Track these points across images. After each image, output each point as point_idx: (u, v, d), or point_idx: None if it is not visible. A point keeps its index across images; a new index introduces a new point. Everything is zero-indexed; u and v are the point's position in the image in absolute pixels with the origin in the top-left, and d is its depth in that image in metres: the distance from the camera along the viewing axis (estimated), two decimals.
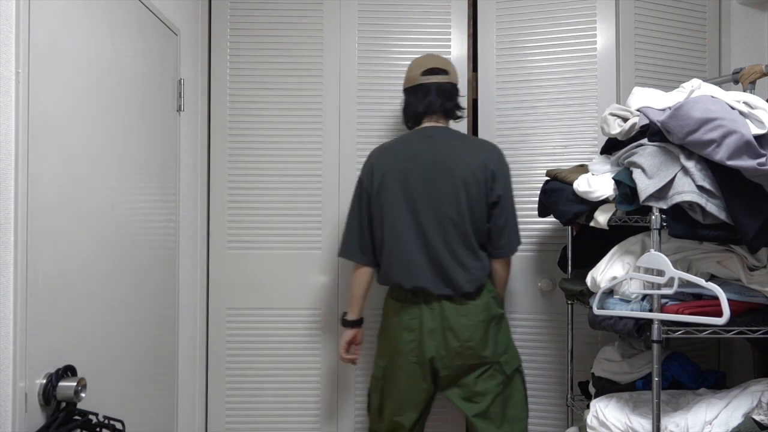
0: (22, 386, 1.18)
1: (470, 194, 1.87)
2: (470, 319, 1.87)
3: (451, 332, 1.85)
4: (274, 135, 2.31)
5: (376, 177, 1.92)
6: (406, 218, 1.87)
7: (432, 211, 1.87)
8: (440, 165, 1.88)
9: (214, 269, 2.31)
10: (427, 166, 1.88)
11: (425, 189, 1.87)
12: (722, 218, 1.44)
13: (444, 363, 1.87)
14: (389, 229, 1.89)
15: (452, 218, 1.86)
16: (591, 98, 2.23)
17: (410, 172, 1.89)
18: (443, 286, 1.86)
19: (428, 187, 1.87)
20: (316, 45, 2.31)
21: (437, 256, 1.86)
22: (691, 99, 1.50)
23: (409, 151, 1.92)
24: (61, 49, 1.33)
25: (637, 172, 1.54)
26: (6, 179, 1.17)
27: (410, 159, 1.90)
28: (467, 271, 1.87)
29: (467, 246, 1.88)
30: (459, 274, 1.86)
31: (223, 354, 2.30)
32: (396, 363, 1.91)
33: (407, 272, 1.87)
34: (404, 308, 1.90)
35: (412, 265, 1.86)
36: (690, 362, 1.86)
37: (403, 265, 1.87)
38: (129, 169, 1.67)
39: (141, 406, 1.75)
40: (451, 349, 1.85)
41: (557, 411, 2.25)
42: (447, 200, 1.86)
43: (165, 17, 1.92)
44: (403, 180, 1.89)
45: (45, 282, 1.26)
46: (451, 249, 1.87)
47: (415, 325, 1.88)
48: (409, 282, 1.87)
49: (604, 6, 2.24)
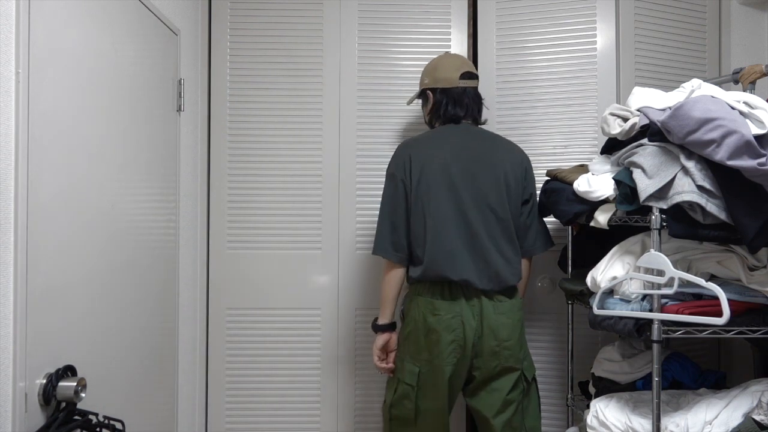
0: (22, 386, 1.18)
1: (509, 189, 1.86)
2: (508, 317, 1.81)
3: (490, 330, 1.78)
4: (274, 135, 2.31)
5: (415, 168, 1.83)
6: (451, 209, 1.80)
7: (476, 203, 1.81)
8: (482, 158, 1.85)
9: (214, 269, 2.31)
10: (469, 159, 1.84)
11: (469, 180, 1.82)
12: (722, 218, 1.45)
13: (480, 363, 1.79)
14: (433, 220, 1.80)
15: (496, 211, 1.82)
16: (591, 98, 2.23)
17: (453, 164, 1.82)
18: (487, 280, 1.79)
19: (472, 179, 1.82)
20: (316, 45, 2.31)
21: (482, 248, 1.79)
22: (691, 99, 1.50)
23: (449, 143, 1.86)
24: (61, 49, 1.33)
25: (637, 172, 1.54)
26: (6, 179, 1.17)
27: (452, 151, 1.84)
28: (511, 265, 1.83)
29: (509, 240, 1.84)
30: (504, 267, 1.81)
31: (223, 354, 2.30)
32: (436, 366, 1.78)
33: (453, 264, 1.78)
34: (443, 306, 1.79)
35: (458, 257, 1.78)
36: (690, 362, 1.86)
37: (449, 257, 1.78)
38: (129, 169, 1.67)
39: (141, 406, 1.75)
40: (488, 348, 1.78)
41: (557, 411, 2.25)
42: (491, 193, 1.83)
43: (165, 17, 1.92)
44: (447, 170, 1.82)
45: (45, 282, 1.26)
46: (495, 242, 1.81)
47: (457, 323, 1.78)
48: (457, 274, 1.77)
49: (604, 6, 2.24)
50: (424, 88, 1.99)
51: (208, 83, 2.31)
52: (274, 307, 2.31)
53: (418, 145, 1.89)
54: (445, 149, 1.85)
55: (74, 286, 1.38)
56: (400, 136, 2.30)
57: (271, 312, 2.31)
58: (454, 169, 1.82)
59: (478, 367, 1.80)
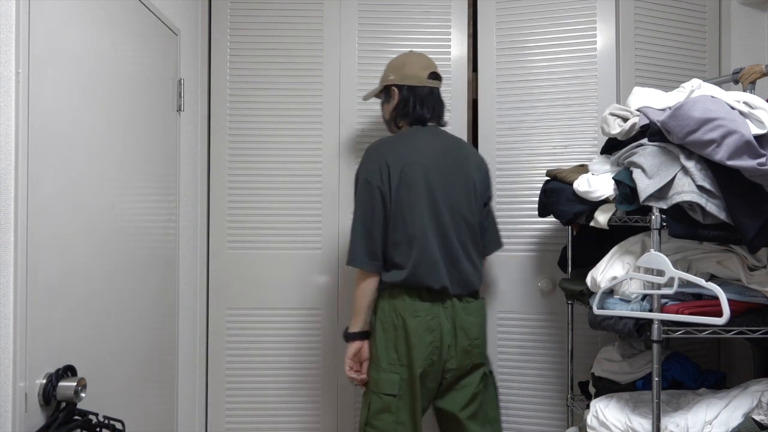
0: (22, 386, 1.18)
1: (476, 193, 1.90)
2: (476, 317, 1.87)
3: (462, 330, 1.83)
4: (274, 135, 2.31)
5: (393, 174, 1.80)
6: (430, 217, 1.81)
7: (451, 211, 1.83)
8: (456, 165, 1.87)
9: (214, 269, 2.31)
10: (445, 166, 1.85)
11: (445, 188, 1.83)
12: (722, 218, 1.44)
13: (452, 364, 1.82)
14: (414, 229, 1.79)
15: (466, 218, 1.86)
16: (591, 98, 2.23)
17: (431, 171, 1.82)
18: (457, 285, 1.84)
19: (449, 187, 1.84)
20: (316, 45, 2.31)
21: (455, 256, 1.83)
22: (691, 99, 1.50)
23: (426, 150, 1.85)
24: (61, 49, 1.33)
25: (637, 172, 1.54)
26: (6, 179, 1.17)
27: (429, 157, 1.84)
28: (477, 271, 1.89)
29: (476, 245, 1.90)
30: (473, 273, 1.87)
31: (223, 354, 2.30)
32: (415, 371, 1.77)
33: (435, 273, 1.79)
34: (423, 308, 1.80)
35: (437, 264, 1.80)
36: (690, 362, 1.86)
37: (432, 266, 1.79)
38: (129, 169, 1.67)
39: (141, 406, 1.75)
40: (461, 347, 1.82)
41: (557, 411, 2.25)
42: (463, 200, 1.86)
43: (165, 17, 1.92)
44: (426, 178, 1.81)
45: (45, 282, 1.26)
46: (465, 249, 1.86)
47: (435, 324, 1.80)
48: (438, 282, 1.79)
49: (604, 6, 2.24)
50: (389, 84, 1.96)
51: (208, 83, 2.31)
52: (274, 307, 2.31)
53: (393, 150, 1.84)
54: (422, 155, 1.84)
55: (74, 286, 1.38)
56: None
57: (271, 312, 2.31)
58: (432, 177, 1.83)
59: (450, 368, 1.83)
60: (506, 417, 2.26)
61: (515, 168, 2.28)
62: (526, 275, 2.29)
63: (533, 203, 2.12)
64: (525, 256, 2.28)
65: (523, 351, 2.27)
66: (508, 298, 2.29)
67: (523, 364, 2.27)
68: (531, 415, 2.26)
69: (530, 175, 2.26)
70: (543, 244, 2.28)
